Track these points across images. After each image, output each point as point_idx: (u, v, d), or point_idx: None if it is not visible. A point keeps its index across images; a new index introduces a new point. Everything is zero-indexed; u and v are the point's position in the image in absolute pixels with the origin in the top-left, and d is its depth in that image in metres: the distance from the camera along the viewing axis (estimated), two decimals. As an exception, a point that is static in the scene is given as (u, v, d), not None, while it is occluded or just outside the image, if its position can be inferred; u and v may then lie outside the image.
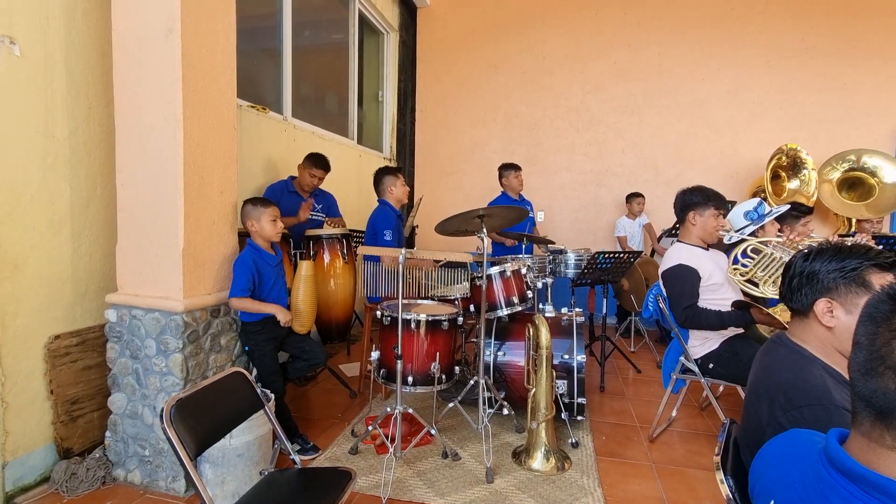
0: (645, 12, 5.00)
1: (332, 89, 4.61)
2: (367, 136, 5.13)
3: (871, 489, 0.57)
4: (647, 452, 2.45)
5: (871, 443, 0.60)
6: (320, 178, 3.11)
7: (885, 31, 4.50)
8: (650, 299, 2.53)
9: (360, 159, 4.59)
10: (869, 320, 0.61)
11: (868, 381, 0.59)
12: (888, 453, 0.58)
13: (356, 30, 4.63)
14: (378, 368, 2.41)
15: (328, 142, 4.08)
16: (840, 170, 4.40)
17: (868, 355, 0.60)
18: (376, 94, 5.31)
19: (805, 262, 1.18)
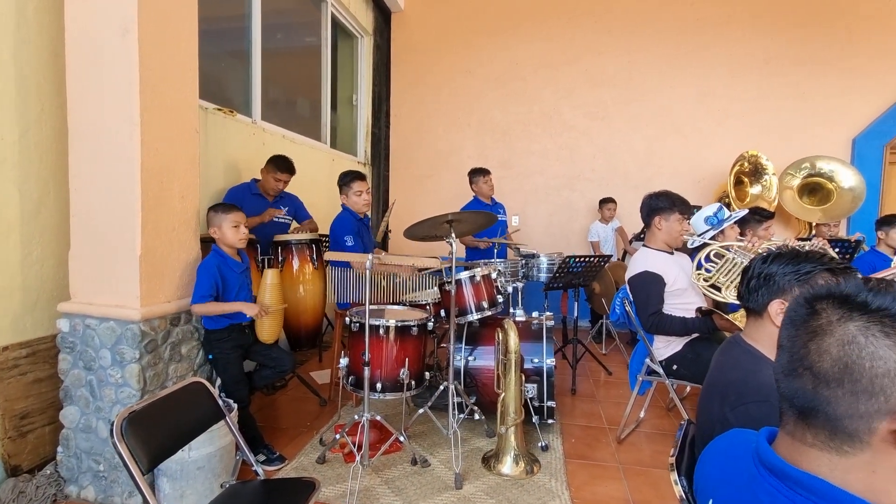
0: (614, 21, 5.12)
1: (305, 93, 4.56)
2: (341, 139, 5.09)
3: (795, 485, 0.58)
4: (615, 454, 2.48)
5: (794, 441, 0.62)
6: (286, 182, 3.05)
7: (839, 44, 4.71)
8: (617, 303, 2.57)
9: (334, 163, 4.55)
10: (789, 324, 0.63)
11: (789, 382, 0.61)
12: (809, 450, 0.60)
13: (329, 33, 4.59)
14: (347, 375, 2.38)
15: (299, 145, 4.03)
16: (800, 176, 4.58)
17: (789, 357, 0.62)
18: (350, 98, 5.28)
19: (763, 264, 1.23)
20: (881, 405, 0.54)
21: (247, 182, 3.10)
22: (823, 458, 0.58)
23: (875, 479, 0.56)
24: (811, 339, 0.59)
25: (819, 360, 0.58)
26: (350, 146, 5.25)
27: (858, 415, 0.55)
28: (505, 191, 5.27)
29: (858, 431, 0.55)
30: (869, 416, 0.54)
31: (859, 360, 0.55)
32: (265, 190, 3.06)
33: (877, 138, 4.69)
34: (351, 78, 5.27)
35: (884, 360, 0.53)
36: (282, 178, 3.01)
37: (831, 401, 0.57)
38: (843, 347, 0.56)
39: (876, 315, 0.55)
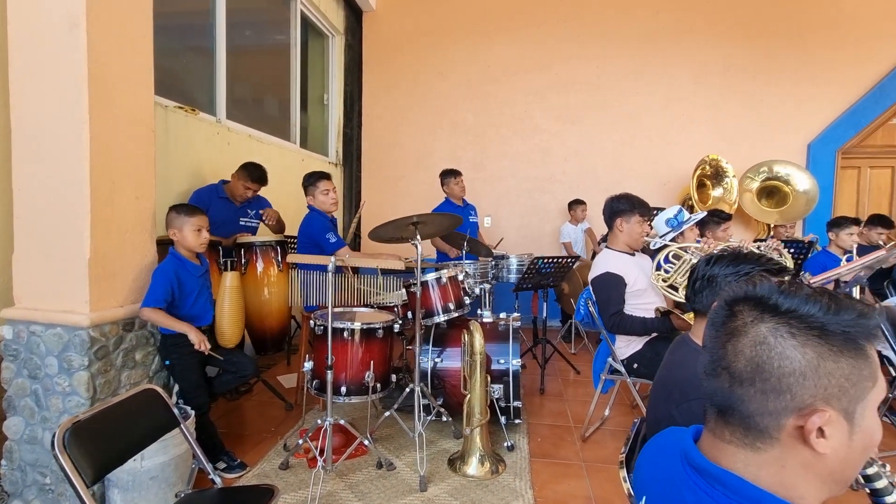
0: (584, 27, 5.21)
1: (273, 91, 4.48)
2: (311, 139, 5.02)
3: (714, 482, 0.60)
4: (579, 452, 2.52)
5: (715, 438, 0.64)
6: (255, 191, 2.99)
7: (794, 55, 4.93)
8: (581, 303, 2.61)
9: (303, 164, 4.48)
10: (711, 325, 0.65)
11: (710, 381, 0.63)
12: (727, 447, 0.62)
13: (298, 31, 4.53)
14: (312, 379, 2.35)
15: (267, 145, 3.95)
16: (758, 179, 4.76)
17: (710, 357, 0.64)
18: (321, 98, 5.22)
19: (707, 266, 1.26)
20: (788, 403, 0.56)
21: (214, 184, 3.02)
22: (739, 454, 0.60)
23: (784, 474, 0.58)
24: (728, 340, 0.61)
25: (735, 360, 0.60)
26: (321, 146, 5.18)
27: (768, 412, 0.57)
28: (478, 193, 5.30)
29: (769, 428, 0.57)
30: (777, 414, 0.57)
31: (769, 359, 0.57)
32: (233, 195, 2.99)
33: (829, 144, 4.91)
34: (322, 77, 5.21)
35: (790, 360, 0.56)
36: (252, 188, 2.95)
37: (744, 399, 0.59)
38: (755, 348, 0.58)
39: (785, 317, 0.58)
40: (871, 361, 0.57)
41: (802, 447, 0.56)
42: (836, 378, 0.55)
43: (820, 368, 0.55)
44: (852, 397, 0.56)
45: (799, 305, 0.57)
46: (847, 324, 0.56)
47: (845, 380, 0.55)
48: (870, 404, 0.57)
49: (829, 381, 0.55)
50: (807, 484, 0.58)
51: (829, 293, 0.59)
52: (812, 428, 0.55)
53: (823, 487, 0.59)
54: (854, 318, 0.56)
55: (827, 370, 0.55)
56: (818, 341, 0.56)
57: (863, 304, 0.59)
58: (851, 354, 0.56)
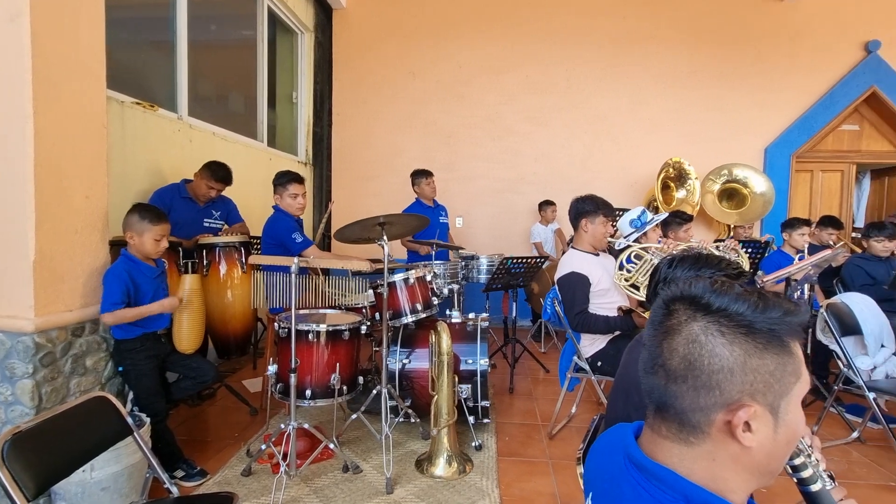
0: (553, 30, 5.29)
1: (239, 88, 4.37)
2: (280, 138, 4.92)
3: (651, 476, 0.62)
4: (546, 449, 2.55)
5: (654, 434, 0.65)
6: (219, 191, 2.91)
7: (752, 62, 5.13)
8: (548, 302, 2.65)
9: (271, 162, 4.39)
10: (650, 324, 0.67)
11: (648, 379, 0.65)
12: (664, 442, 0.64)
13: (265, 27, 4.43)
14: (276, 383, 2.30)
15: (232, 143, 3.85)
16: (719, 182, 4.93)
17: (648, 354, 0.66)
18: (290, 95, 5.12)
19: (668, 268, 1.29)
20: (717, 398, 0.58)
21: (176, 183, 2.92)
22: (675, 449, 0.62)
23: (715, 467, 0.60)
24: (664, 339, 0.63)
25: (670, 357, 0.62)
26: (290, 145, 5.09)
27: (699, 408, 0.59)
28: (450, 193, 5.31)
29: (700, 423, 0.59)
30: (708, 409, 0.59)
31: (700, 357, 0.59)
32: (196, 195, 2.89)
33: (785, 148, 5.14)
34: (291, 75, 5.11)
35: (719, 358, 0.58)
36: (215, 188, 2.87)
37: (678, 395, 0.60)
38: (687, 346, 0.60)
39: (715, 315, 0.60)
40: (795, 358, 0.59)
41: (731, 441, 0.58)
42: (762, 374, 0.57)
43: (747, 365, 0.57)
44: (777, 392, 0.58)
45: (729, 304, 0.59)
46: (773, 321, 0.58)
47: (770, 376, 0.57)
48: (793, 399, 0.59)
49: (755, 377, 0.57)
50: (736, 476, 0.60)
51: (758, 292, 0.62)
52: (738, 422, 0.57)
53: (752, 479, 0.61)
54: (780, 316, 0.58)
55: (753, 367, 0.57)
56: (745, 339, 0.58)
57: (789, 302, 0.61)
58: (776, 351, 0.58)
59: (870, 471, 2.39)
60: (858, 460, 2.49)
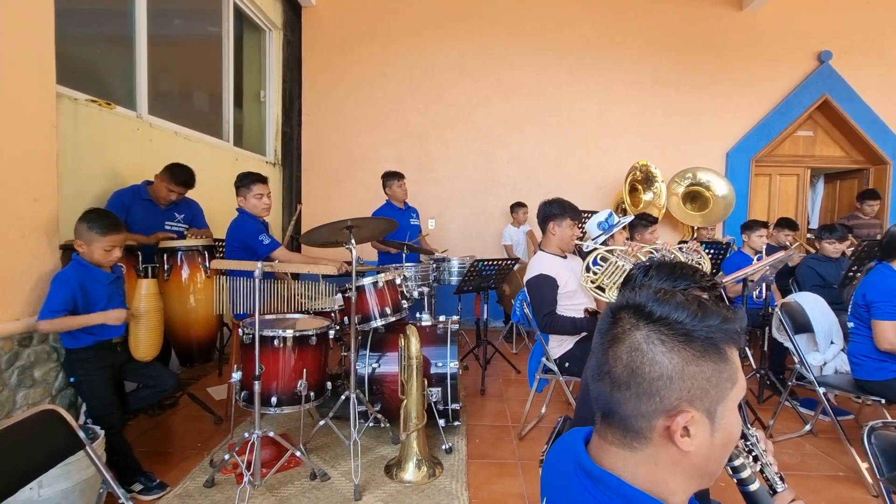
0: (526, 35, 5.35)
1: (203, 86, 4.24)
2: (247, 138, 4.80)
3: (598, 482, 0.63)
4: (516, 450, 2.57)
5: (601, 440, 0.67)
6: (181, 194, 2.81)
7: (714, 70, 5.32)
8: (517, 304, 2.67)
9: (237, 163, 4.28)
10: (597, 332, 0.68)
11: (595, 385, 0.67)
12: (610, 448, 0.65)
13: (231, 23, 4.31)
14: (240, 390, 2.25)
15: (196, 143, 3.74)
16: (684, 185, 5.09)
17: (595, 362, 0.67)
18: (258, 94, 5.01)
19: (644, 277, 1.26)
20: (657, 405, 0.60)
21: (137, 185, 2.81)
22: (620, 454, 0.64)
23: (657, 471, 0.62)
24: (610, 347, 0.64)
25: (615, 365, 0.63)
26: (258, 145, 4.97)
27: (641, 414, 0.61)
28: (423, 194, 5.30)
29: (643, 429, 0.61)
30: (650, 415, 0.60)
31: (642, 365, 0.60)
32: (156, 197, 2.79)
33: (745, 152, 5.35)
34: (259, 73, 5.00)
35: (660, 365, 0.60)
36: (175, 191, 2.76)
37: (622, 402, 0.62)
38: (630, 354, 0.62)
39: (656, 324, 0.61)
40: (731, 364, 0.62)
41: (671, 446, 0.60)
42: (699, 381, 0.59)
43: (685, 372, 0.59)
44: (713, 398, 0.60)
45: (670, 313, 0.61)
46: (711, 330, 0.60)
47: (707, 382, 0.60)
48: (730, 404, 0.62)
49: (693, 383, 0.59)
50: (676, 479, 0.62)
51: (699, 300, 0.64)
52: (677, 428, 0.59)
53: (691, 482, 0.63)
54: (718, 324, 0.61)
55: (691, 374, 0.59)
56: (684, 347, 0.60)
57: (727, 309, 0.64)
58: (713, 358, 0.60)
59: (821, 462, 2.51)
60: (811, 452, 2.61)
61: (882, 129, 5.24)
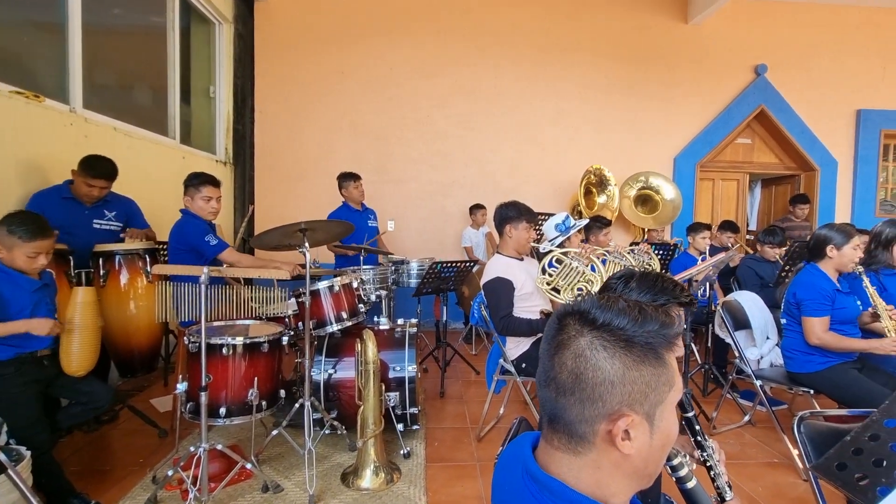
0: (483, 38, 5.41)
1: (147, 79, 4.00)
2: (196, 135, 4.58)
3: (543, 488, 0.64)
4: (474, 452, 2.58)
5: (547, 445, 0.68)
6: (102, 189, 2.61)
7: (662, 79, 5.57)
8: (475, 307, 2.68)
9: (185, 161, 4.07)
10: (544, 338, 0.69)
11: (542, 392, 0.68)
12: (556, 453, 0.66)
13: (177, 14, 4.09)
14: (186, 402, 2.13)
15: (138, 140, 3.52)
16: (635, 188, 5.30)
17: (542, 368, 0.68)
18: (207, 90, 4.78)
19: (625, 287, 1.26)
20: (600, 410, 0.61)
21: (58, 185, 2.60)
22: (565, 459, 0.65)
23: (600, 474, 0.63)
24: (556, 353, 0.65)
25: (560, 371, 0.64)
26: (207, 143, 4.75)
27: (585, 419, 0.62)
28: (381, 195, 5.25)
29: (586, 434, 0.63)
30: (592, 420, 0.62)
31: (585, 371, 0.62)
32: (79, 194, 2.58)
33: (690, 158, 5.63)
34: (208, 67, 4.78)
35: (602, 371, 0.61)
36: (96, 185, 2.55)
37: (566, 408, 0.63)
38: (575, 360, 0.63)
39: (599, 331, 0.63)
40: (669, 368, 0.64)
41: (613, 449, 0.62)
42: (639, 385, 0.61)
43: (626, 377, 0.61)
44: (652, 401, 0.62)
45: (612, 319, 0.63)
46: (650, 335, 0.62)
47: (646, 386, 0.62)
48: (667, 406, 0.64)
49: (633, 388, 0.61)
50: (617, 482, 0.64)
51: (640, 306, 0.66)
52: (618, 431, 0.60)
53: (632, 483, 0.65)
54: (657, 329, 0.63)
55: (631, 378, 0.61)
56: (624, 353, 0.62)
57: (666, 314, 0.66)
58: (652, 363, 0.62)
59: (758, 450, 2.67)
60: (750, 442, 2.78)
61: (811, 139, 5.66)
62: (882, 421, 1.19)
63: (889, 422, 1.18)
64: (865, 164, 5.74)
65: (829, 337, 2.31)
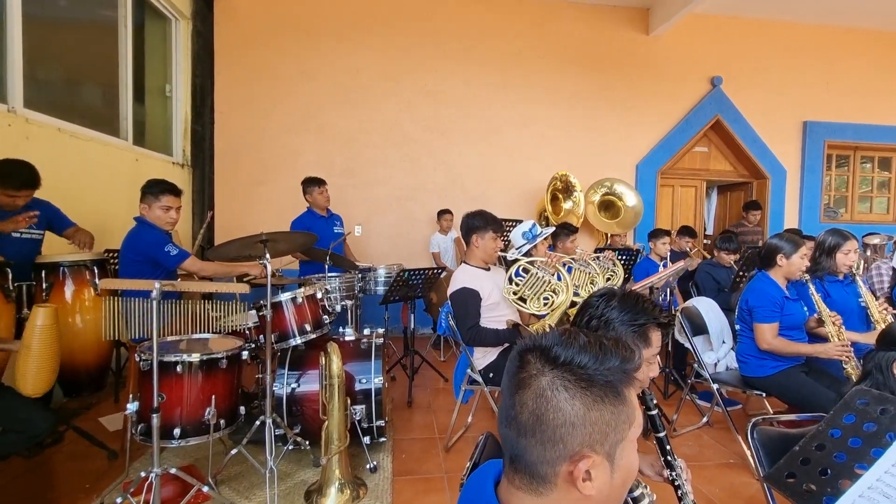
0: (451, 43, 5.41)
1: (96, 77, 3.79)
2: (150, 136, 4.37)
3: None
4: (442, 463, 2.57)
5: (509, 484, 0.67)
6: (27, 197, 2.41)
7: (625, 88, 5.73)
8: (442, 317, 2.66)
9: (138, 164, 3.87)
10: (506, 374, 0.68)
11: (503, 430, 0.67)
12: (517, 492, 0.65)
13: (129, 9, 3.89)
14: (137, 423, 2.02)
15: (86, 141, 3.32)
16: (599, 194, 5.43)
17: (504, 405, 0.67)
18: (163, 88, 4.57)
19: (605, 306, 1.26)
20: (561, 451, 0.61)
21: None
22: (527, 499, 0.64)
23: None
24: (517, 391, 0.64)
25: (521, 411, 0.63)
26: (163, 144, 4.54)
27: (546, 461, 0.61)
28: (349, 200, 5.16)
29: (548, 475, 0.62)
30: (554, 462, 0.61)
31: (546, 412, 0.61)
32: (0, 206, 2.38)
33: (652, 165, 5.82)
34: (164, 65, 4.57)
35: (563, 413, 0.60)
36: (17, 195, 2.36)
37: (528, 449, 0.62)
38: (536, 400, 0.62)
39: (560, 369, 0.62)
40: (629, 405, 0.64)
41: (574, 490, 0.61)
42: (600, 425, 0.61)
43: (587, 418, 0.61)
44: (613, 441, 0.62)
45: (574, 356, 0.62)
46: (611, 373, 0.62)
47: (606, 426, 0.61)
48: (628, 444, 0.64)
49: (594, 428, 0.61)
50: None
51: (599, 341, 0.65)
52: (579, 473, 0.60)
53: None
54: (618, 366, 0.63)
55: (592, 419, 0.61)
56: (585, 393, 0.61)
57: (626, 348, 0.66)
58: (612, 402, 0.62)
59: (715, 451, 2.77)
60: (708, 443, 2.88)
61: (762, 148, 5.95)
62: (827, 431, 1.25)
63: (834, 432, 1.23)
64: (811, 172, 6.08)
65: (778, 342, 2.42)
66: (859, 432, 1.18)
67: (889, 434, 1.13)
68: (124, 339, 2.90)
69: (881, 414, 1.17)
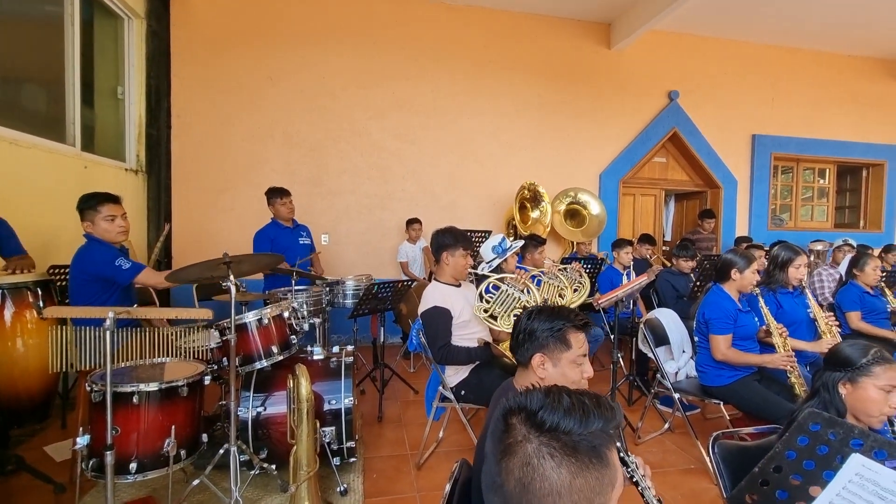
0: (421, 52, 5.39)
1: (39, 78, 3.53)
2: (101, 141, 4.11)
3: None
4: (414, 482, 2.54)
5: None
6: None
7: (590, 99, 5.89)
8: (413, 334, 2.64)
9: (87, 171, 3.63)
10: (491, 436, 0.68)
11: (488, 495, 0.67)
12: None
13: (77, 5, 3.65)
14: (89, 457, 1.89)
15: (27, 148, 3.08)
16: (565, 203, 5.55)
17: (488, 470, 0.66)
18: (115, 90, 4.32)
19: (528, 321, 1.40)
20: None
21: None
22: None
23: None
24: (503, 457, 0.64)
25: (507, 479, 0.63)
26: (115, 149, 4.29)
27: None
28: (316, 209, 5.05)
29: None
30: None
31: (533, 481, 0.61)
32: None
33: (614, 175, 6.00)
34: (115, 66, 4.32)
35: (549, 481, 0.61)
36: None
37: None
38: (522, 469, 0.62)
39: (546, 436, 0.62)
40: (612, 467, 0.65)
41: None
42: (585, 493, 0.61)
43: (572, 486, 0.61)
44: None
45: (559, 422, 0.63)
46: (594, 437, 0.63)
47: (591, 492, 0.62)
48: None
49: (580, 496, 0.61)
50: None
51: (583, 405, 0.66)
52: None
53: None
54: (601, 427, 0.63)
55: (577, 487, 0.61)
56: (571, 460, 0.62)
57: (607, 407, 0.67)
58: (596, 466, 0.63)
59: (678, 457, 2.88)
60: (670, 448, 2.99)
61: (715, 160, 6.26)
62: (784, 453, 1.31)
63: (790, 453, 1.30)
64: (759, 182, 6.45)
65: (731, 353, 2.54)
66: (813, 455, 1.25)
67: (838, 457, 1.20)
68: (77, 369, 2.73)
69: (831, 438, 1.24)
